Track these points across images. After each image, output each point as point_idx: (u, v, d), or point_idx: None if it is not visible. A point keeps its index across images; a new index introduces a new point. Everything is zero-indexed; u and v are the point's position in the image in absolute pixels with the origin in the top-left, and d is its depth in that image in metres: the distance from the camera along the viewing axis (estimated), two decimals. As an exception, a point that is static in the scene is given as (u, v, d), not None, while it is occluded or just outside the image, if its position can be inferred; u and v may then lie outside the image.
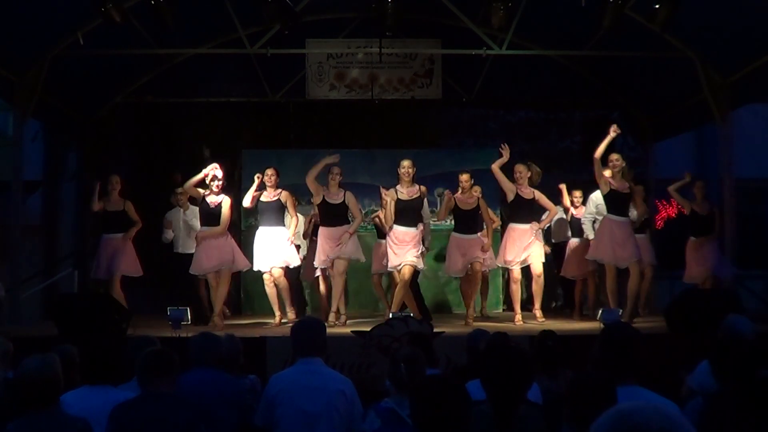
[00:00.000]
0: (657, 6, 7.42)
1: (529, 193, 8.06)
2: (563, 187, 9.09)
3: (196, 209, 8.22)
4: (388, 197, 7.83)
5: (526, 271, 8.38)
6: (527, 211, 8.07)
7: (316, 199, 8.00)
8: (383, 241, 8.53)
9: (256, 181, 8.02)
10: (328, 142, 10.72)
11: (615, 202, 7.75)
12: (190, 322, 7.40)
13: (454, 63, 10.30)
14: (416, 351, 3.81)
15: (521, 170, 8.09)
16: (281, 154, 10.47)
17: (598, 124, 11.00)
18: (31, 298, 9.41)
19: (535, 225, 8.05)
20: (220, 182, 7.84)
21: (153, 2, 7.52)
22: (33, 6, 7.57)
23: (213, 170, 7.84)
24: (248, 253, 8.10)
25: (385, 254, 7.99)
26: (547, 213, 8.39)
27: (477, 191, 8.48)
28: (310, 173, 7.79)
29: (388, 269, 8.05)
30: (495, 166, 7.98)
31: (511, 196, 8.06)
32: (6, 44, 7.95)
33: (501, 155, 7.98)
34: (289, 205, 8.03)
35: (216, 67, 10.35)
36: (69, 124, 10.39)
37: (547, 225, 8.63)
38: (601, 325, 5.94)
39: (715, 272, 8.52)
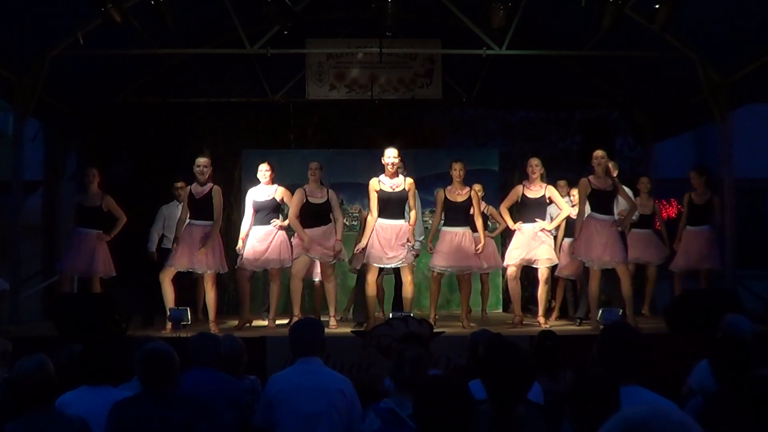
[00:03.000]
0: (657, 6, 7.42)
1: (538, 190, 7.75)
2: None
3: None
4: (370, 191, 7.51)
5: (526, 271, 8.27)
6: (534, 210, 7.75)
7: (297, 204, 7.76)
8: None
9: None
10: (328, 142, 10.74)
11: (598, 201, 7.52)
12: (189, 323, 7.39)
13: (454, 63, 10.30)
14: (422, 352, 3.80)
15: (535, 164, 7.76)
16: (281, 154, 10.47)
17: (598, 124, 11.07)
18: (31, 298, 9.41)
19: (542, 223, 7.74)
20: (208, 169, 7.44)
21: (153, 2, 7.52)
22: (33, 6, 7.57)
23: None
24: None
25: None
26: (557, 213, 8.04)
27: (477, 189, 8.38)
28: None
29: (364, 261, 7.62)
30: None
31: (515, 199, 7.83)
32: (6, 44, 7.95)
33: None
34: (286, 201, 7.90)
35: (216, 67, 10.34)
36: (69, 124, 10.39)
37: (557, 224, 8.17)
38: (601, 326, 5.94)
39: (707, 264, 8.47)
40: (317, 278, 8.34)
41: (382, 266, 7.62)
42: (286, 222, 7.95)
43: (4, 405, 3.60)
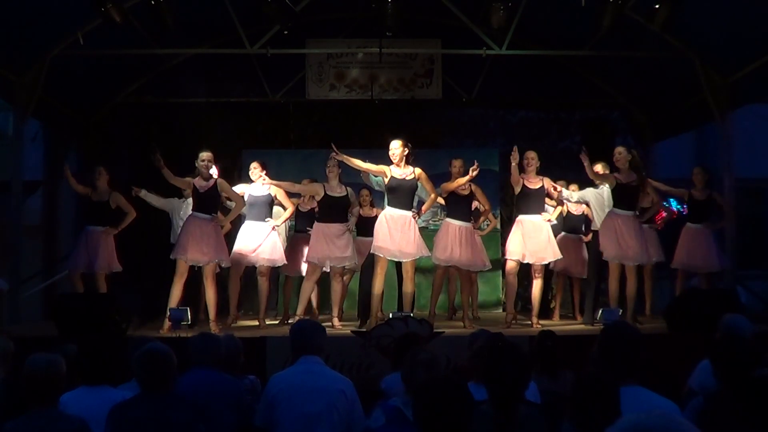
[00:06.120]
0: (657, 6, 7.43)
1: (537, 182, 7.75)
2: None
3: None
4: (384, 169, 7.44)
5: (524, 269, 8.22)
6: (535, 201, 7.77)
7: (318, 196, 7.75)
8: (365, 239, 8.19)
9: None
10: (328, 142, 10.68)
11: (623, 196, 7.53)
12: (190, 323, 7.38)
13: (454, 63, 10.29)
14: (435, 355, 3.77)
15: (531, 156, 7.77)
16: (281, 154, 10.49)
17: (598, 124, 11.07)
18: (31, 298, 9.40)
19: (545, 215, 7.82)
20: (212, 163, 7.47)
21: (153, 2, 7.53)
22: (33, 6, 7.57)
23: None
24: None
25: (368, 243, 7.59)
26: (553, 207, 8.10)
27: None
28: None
29: (371, 251, 7.45)
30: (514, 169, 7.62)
31: (517, 189, 7.79)
32: (6, 44, 7.96)
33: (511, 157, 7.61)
34: (280, 197, 7.93)
35: (216, 67, 10.33)
36: (69, 124, 10.39)
37: (557, 214, 8.33)
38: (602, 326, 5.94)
39: (708, 268, 8.44)
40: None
41: (393, 259, 7.54)
42: (280, 222, 8.01)
43: (5, 405, 3.60)
